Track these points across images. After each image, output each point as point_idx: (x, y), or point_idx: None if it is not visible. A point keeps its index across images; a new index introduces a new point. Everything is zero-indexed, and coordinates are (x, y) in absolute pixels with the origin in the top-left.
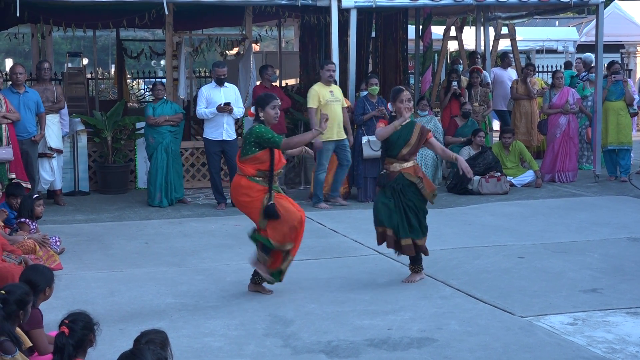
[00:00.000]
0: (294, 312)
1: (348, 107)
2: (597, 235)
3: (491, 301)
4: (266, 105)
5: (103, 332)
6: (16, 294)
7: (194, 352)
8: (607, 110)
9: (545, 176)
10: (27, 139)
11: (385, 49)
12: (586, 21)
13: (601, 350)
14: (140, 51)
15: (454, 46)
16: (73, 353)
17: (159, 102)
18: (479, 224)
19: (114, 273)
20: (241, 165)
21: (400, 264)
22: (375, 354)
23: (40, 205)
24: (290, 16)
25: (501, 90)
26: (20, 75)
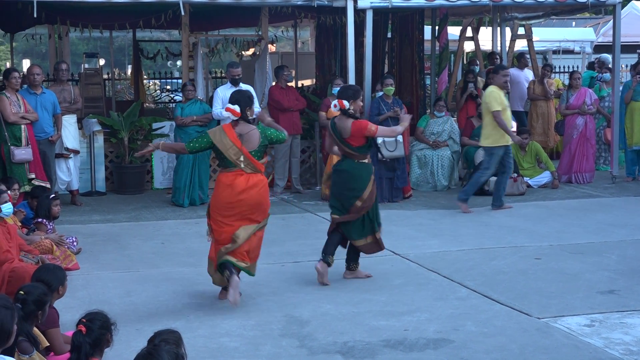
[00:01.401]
0: (310, 312)
1: None
2: (614, 237)
3: (508, 302)
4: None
5: (119, 332)
6: (34, 295)
7: (210, 352)
8: (633, 111)
9: (562, 177)
10: (44, 139)
11: (401, 50)
12: (603, 22)
13: (618, 352)
14: (157, 52)
15: (470, 47)
16: (90, 352)
17: (188, 102)
18: (495, 225)
19: (130, 273)
20: (261, 167)
21: (416, 264)
22: (391, 354)
23: (58, 205)
24: (306, 17)
25: (518, 90)
26: (37, 76)
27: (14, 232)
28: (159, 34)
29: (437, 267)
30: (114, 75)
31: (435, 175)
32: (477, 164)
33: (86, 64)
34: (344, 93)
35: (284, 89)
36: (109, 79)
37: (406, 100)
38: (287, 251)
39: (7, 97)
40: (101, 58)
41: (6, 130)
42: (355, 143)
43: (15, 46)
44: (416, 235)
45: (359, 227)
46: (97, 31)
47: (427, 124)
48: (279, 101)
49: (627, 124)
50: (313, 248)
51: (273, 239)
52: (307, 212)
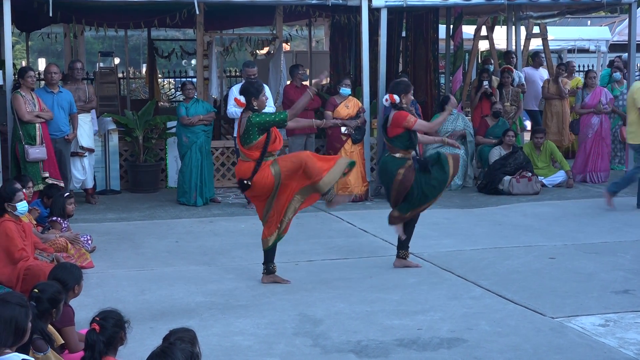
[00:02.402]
0: (323, 311)
1: (360, 107)
2: (629, 236)
3: (522, 302)
4: (259, 94)
5: (133, 330)
6: (49, 293)
7: (224, 350)
8: None
9: (576, 176)
10: (60, 138)
11: (415, 49)
12: (619, 20)
13: (633, 352)
14: (172, 51)
15: (485, 46)
16: (104, 350)
17: (190, 101)
18: (509, 224)
19: (144, 271)
20: (247, 152)
21: (430, 263)
22: (404, 354)
23: (72, 204)
24: (321, 16)
25: (532, 90)
26: (54, 75)
27: (29, 231)
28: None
29: (451, 267)
30: (129, 74)
31: None
32: (491, 163)
33: (101, 63)
34: (395, 88)
35: (299, 88)
36: (124, 77)
37: (421, 99)
38: (300, 250)
39: (22, 96)
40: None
41: (21, 129)
42: (391, 133)
43: (30, 45)
44: (430, 235)
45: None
46: (112, 30)
47: None
48: (293, 100)
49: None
50: (326, 247)
51: (286, 238)
52: (320, 211)
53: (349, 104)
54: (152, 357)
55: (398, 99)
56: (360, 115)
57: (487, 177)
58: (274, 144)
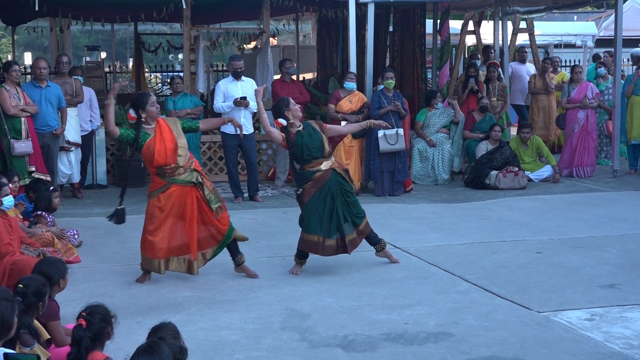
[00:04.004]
0: (310, 306)
1: (365, 103)
2: (615, 231)
3: (508, 296)
4: (146, 105)
5: (120, 324)
6: (33, 286)
7: (211, 345)
8: (632, 105)
9: (563, 171)
10: (48, 133)
11: (402, 43)
12: (605, 15)
13: (619, 346)
14: (158, 45)
15: (472, 40)
16: (90, 345)
17: (178, 95)
18: (496, 218)
19: (131, 266)
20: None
21: (417, 258)
22: (391, 348)
23: (57, 198)
24: (308, 10)
25: (519, 84)
26: (44, 70)
27: (15, 225)
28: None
29: (438, 261)
30: (116, 68)
31: (436, 169)
32: (478, 157)
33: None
34: (275, 111)
35: (287, 82)
36: (111, 72)
37: (408, 94)
38: (288, 244)
39: (6, 90)
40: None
41: (6, 123)
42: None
43: (16, 39)
44: (417, 229)
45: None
46: (99, 24)
47: (425, 117)
48: (276, 94)
49: (628, 117)
50: None
51: (274, 232)
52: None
53: (352, 98)
54: (139, 352)
55: (285, 122)
56: (363, 111)
57: (474, 171)
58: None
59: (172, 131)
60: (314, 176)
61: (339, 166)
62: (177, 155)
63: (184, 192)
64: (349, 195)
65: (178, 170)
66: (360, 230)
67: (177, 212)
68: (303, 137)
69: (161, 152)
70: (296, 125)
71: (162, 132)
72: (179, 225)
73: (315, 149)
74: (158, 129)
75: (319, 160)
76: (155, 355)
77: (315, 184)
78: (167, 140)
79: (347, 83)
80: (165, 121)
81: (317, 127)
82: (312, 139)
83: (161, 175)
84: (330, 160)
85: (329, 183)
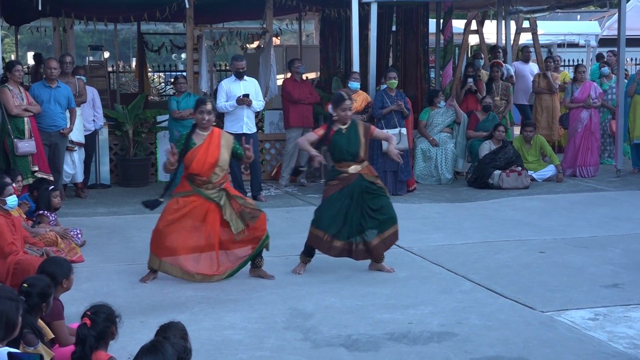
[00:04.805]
0: (314, 305)
1: (369, 102)
2: (618, 230)
3: (512, 296)
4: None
5: (124, 324)
6: (38, 287)
7: (214, 344)
8: (636, 104)
9: (566, 171)
10: (55, 132)
11: (405, 43)
12: (608, 15)
13: (622, 345)
14: (161, 44)
15: (475, 40)
16: (94, 344)
17: (182, 95)
18: (499, 218)
19: (134, 265)
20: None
21: (420, 258)
22: (395, 347)
23: (57, 197)
24: (311, 10)
25: (522, 84)
26: (54, 70)
27: (18, 225)
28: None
29: (441, 261)
30: (119, 67)
31: (439, 168)
32: (481, 157)
33: (91, 57)
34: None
35: (298, 82)
36: (114, 71)
37: (411, 93)
38: (291, 244)
39: (9, 90)
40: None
41: (9, 122)
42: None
43: (20, 39)
44: (420, 229)
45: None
46: (102, 24)
47: (429, 116)
48: (289, 92)
49: (630, 117)
50: None
51: (277, 232)
52: (311, 205)
53: (357, 98)
54: (142, 351)
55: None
56: (367, 110)
57: (477, 171)
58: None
59: (219, 147)
60: (339, 176)
61: (369, 172)
62: (212, 172)
63: (206, 206)
64: (374, 201)
65: (207, 185)
66: (385, 238)
67: (195, 217)
68: (340, 138)
69: (199, 163)
70: (340, 124)
71: (209, 145)
72: (198, 228)
73: (347, 153)
74: (208, 139)
75: (348, 163)
76: (159, 355)
77: (339, 185)
78: (211, 154)
79: (351, 83)
80: (219, 134)
81: (362, 131)
82: (349, 142)
83: (190, 182)
84: (360, 166)
85: (352, 187)
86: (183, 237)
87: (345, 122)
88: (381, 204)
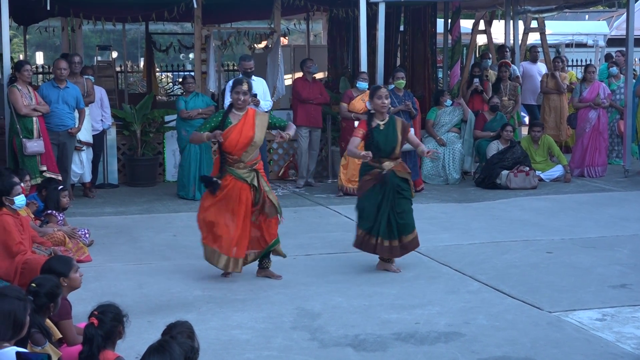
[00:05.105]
0: (321, 305)
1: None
2: (626, 231)
3: (519, 296)
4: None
5: (131, 324)
6: (46, 287)
7: (222, 344)
8: None
9: (574, 171)
10: (63, 131)
11: (413, 43)
12: (617, 15)
13: (630, 346)
14: (169, 44)
15: (483, 40)
16: (102, 344)
17: (190, 95)
18: (507, 218)
19: (142, 265)
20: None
21: (427, 258)
22: (402, 348)
23: (66, 197)
24: (319, 9)
25: (530, 84)
26: (64, 70)
27: (26, 224)
28: (171, 26)
29: (449, 261)
30: (127, 67)
31: (446, 168)
32: (489, 157)
33: (99, 57)
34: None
35: (309, 81)
36: (122, 71)
37: (418, 93)
38: (298, 244)
39: (18, 90)
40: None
41: (18, 122)
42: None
43: (28, 39)
44: (428, 229)
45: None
46: (110, 24)
47: (436, 115)
48: (298, 92)
49: (638, 117)
50: (324, 241)
51: (285, 232)
52: (319, 205)
53: (365, 97)
54: (150, 351)
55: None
56: None
57: (485, 171)
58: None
59: (254, 127)
60: (372, 171)
61: (402, 169)
62: (244, 151)
63: (238, 187)
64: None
65: (239, 163)
66: (404, 244)
67: (228, 205)
68: (378, 134)
69: (232, 142)
70: (377, 118)
71: (244, 125)
72: (231, 220)
73: (383, 149)
74: (243, 119)
75: (383, 159)
76: (166, 354)
77: (371, 180)
78: (245, 134)
79: (359, 83)
80: (254, 114)
81: (399, 129)
82: (386, 138)
83: (222, 162)
84: (394, 162)
85: (385, 184)
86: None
87: (382, 113)
88: (403, 208)
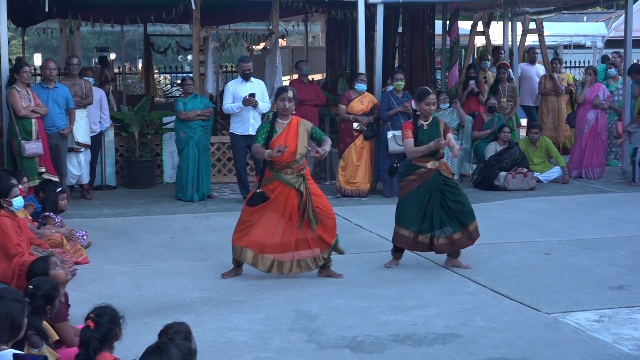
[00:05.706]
0: (319, 307)
1: (375, 104)
2: (624, 232)
3: (517, 297)
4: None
5: (129, 325)
6: (43, 289)
7: (219, 346)
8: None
9: (572, 172)
10: (55, 133)
11: (412, 44)
12: (615, 16)
13: (627, 347)
14: (168, 46)
15: (481, 41)
16: (98, 347)
17: (189, 96)
18: (505, 220)
19: (140, 267)
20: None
21: (425, 259)
22: (400, 349)
23: (64, 199)
24: (317, 11)
25: (528, 85)
26: (53, 71)
27: (24, 226)
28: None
29: None
30: (125, 69)
31: None
32: (487, 158)
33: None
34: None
35: (305, 83)
36: (120, 73)
37: None
38: None
39: (17, 91)
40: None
41: (17, 124)
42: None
43: (26, 40)
44: None
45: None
46: (108, 25)
47: None
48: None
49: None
50: None
51: None
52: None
53: (363, 99)
54: (147, 353)
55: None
56: (374, 112)
57: (483, 172)
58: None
59: (297, 135)
60: (418, 171)
61: (445, 169)
62: (293, 159)
63: (286, 192)
64: (454, 195)
65: (286, 169)
66: (470, 232)
67: (277, 207)
68: (422, 134)
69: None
70: (422, 119)
71: (288, 134)
72: (280, 222)
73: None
74: (287, 128)
75: (427, 159)
76: (163, 356)
77: (417, 181)
78: (290, 143)
79: (358, 84)
80: (297, 123)
81: (442, 129)
82: (430, 138)
83: (270, 168)
84: (438, 162)
85: (430, 183)
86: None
87: (427, 117)
88: (457, 198)
